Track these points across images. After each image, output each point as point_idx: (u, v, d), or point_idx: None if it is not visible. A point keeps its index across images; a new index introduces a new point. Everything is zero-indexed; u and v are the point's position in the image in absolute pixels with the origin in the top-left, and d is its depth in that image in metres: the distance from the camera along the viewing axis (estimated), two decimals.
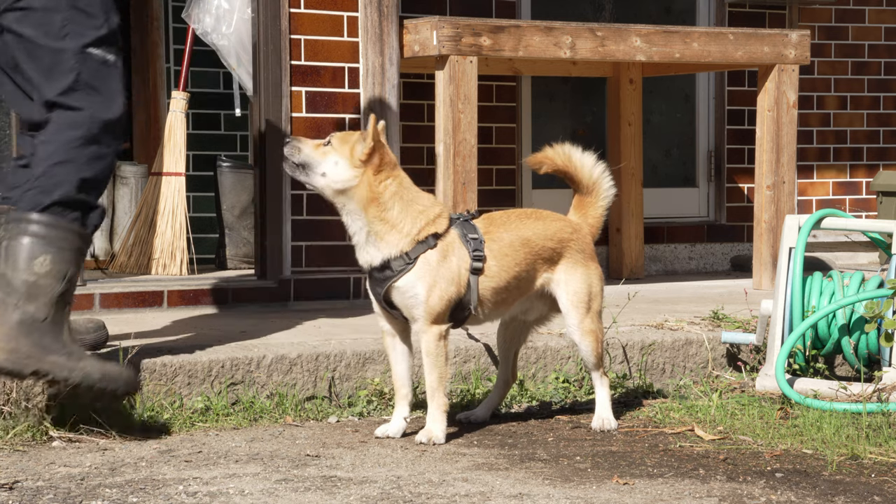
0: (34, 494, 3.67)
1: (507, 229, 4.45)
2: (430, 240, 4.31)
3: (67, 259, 4.26)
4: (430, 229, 4.32)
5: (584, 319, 4.52)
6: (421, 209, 4.33)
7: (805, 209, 8.36)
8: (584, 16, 7.85)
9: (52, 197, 4.26)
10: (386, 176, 4.31)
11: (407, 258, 4.28)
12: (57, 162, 4.29)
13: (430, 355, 4.33)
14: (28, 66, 4.42)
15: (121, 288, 5.97)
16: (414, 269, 4.28)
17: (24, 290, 4.20)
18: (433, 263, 4.29)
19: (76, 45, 4.41)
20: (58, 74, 4.40)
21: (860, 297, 4.98)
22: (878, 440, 4.31)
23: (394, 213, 4.29)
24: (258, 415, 4.69)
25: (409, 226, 4.29)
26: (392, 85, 6.29)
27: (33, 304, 4.20)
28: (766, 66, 6.93)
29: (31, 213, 4.23)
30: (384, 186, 4.30)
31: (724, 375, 5.40)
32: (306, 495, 3.67)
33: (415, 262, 4.28)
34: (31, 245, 4.22)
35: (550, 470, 4.00)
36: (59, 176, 4.29)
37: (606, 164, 4.69)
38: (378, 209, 4.29)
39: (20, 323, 4.18)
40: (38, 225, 4.23)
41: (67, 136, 4.33)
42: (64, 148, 4.32)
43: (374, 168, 4.29)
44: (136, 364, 4.61)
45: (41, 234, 4.23)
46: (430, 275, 4.28)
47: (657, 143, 8.15)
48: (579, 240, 4.55)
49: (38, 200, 4.25)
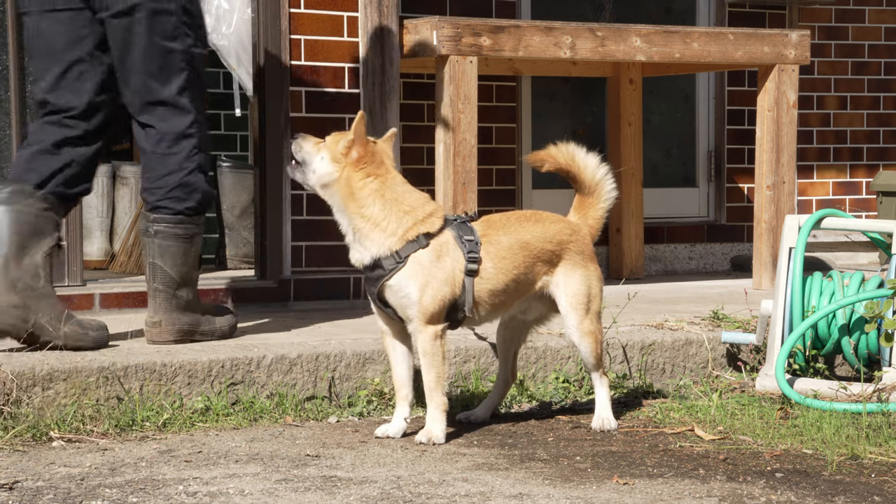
0: (34, 494, 3.67)
1: (506, 232, 4.45)
2: (422, 239, 4.31)
3: (199, 246, 5.11)
4: (421, 228, 4.31)
5: (583, 321, 4.52)
6: (407, 208, 4.32)
7: (805, 209, 8.36)
8: (584, 16, 7.85)
9: (187, 204, 5.00)
10: (368, 173, 4.31)
11: (397, 257, 4.28)
12: (188, 172, 4.97)
13: (426, 355, 4.33)
14: (138, 65, 4.90)
15: (121, 288, 5.97)
16: (405, 268, 4.28)
17: (180, 279, 5.03)
18: (425, 263, 4.29)
19: (185, 45, 4.94)
20: (169, 74, 4.92)
21: (860, 297, 4.98)
22: (878, 440, 4.31)
23: (374, 210, 4.29)
24: (258, 415, 4.69)
25: (393, 224, 4.29)
26: (392, 85, 6.29)
27: (184, 290, 5.05)
28: (766, 66, 6.93)
29: (176, 216, 4.99)
30: (363, 183, 4.30)
31: (724, 375, 5.41)
32: (306, 495, 3.67)
33: (405, 261, 4.28)
34: (179, 244, 5.01)
35: (550, 470, 4.00)
36: (190, 185, 4.98)
37: (610, 166, 4.69)
38: (357, 206, 4.30)
39: (178, 307, 5.03)
40: (181, 226, 5.00)
41: (188, 146, 4.97)
42: (187, 159, 4.97)
43: (354, 163, 4.30)
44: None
45: (185, 234, 5.01)
46: (422, 274, 4.28)
47: (657, 143, 8.15)
48: (578, 241, 4.55)
49: (178, 207, 4.99)
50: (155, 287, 5.00)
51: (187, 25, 4.93)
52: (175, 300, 5.00)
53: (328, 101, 6.35)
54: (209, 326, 5.11)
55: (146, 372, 4.62)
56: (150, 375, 4.63)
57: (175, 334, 4.99)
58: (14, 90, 5.89)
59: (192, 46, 4.96)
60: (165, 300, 4.99)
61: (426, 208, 4.35)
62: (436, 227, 4.34)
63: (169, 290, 4.99)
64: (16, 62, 5.89)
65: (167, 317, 4.99)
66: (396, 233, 4.29)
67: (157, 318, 4.99)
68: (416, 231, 4.31)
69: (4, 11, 5.90)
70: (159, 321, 4.99)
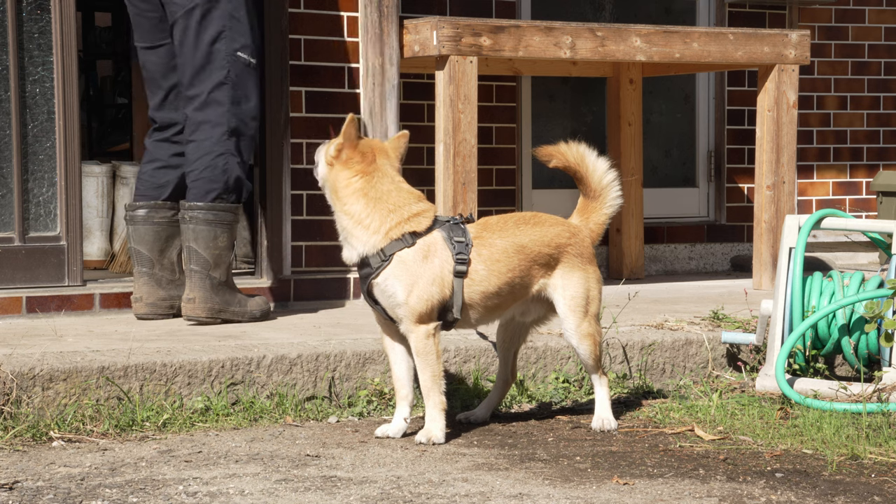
0: (34, 494, 3.67)
1: (502, 235, 4.44)
2: (408, 238, 4.31)
3: (233, 232, 5.58)
4: (406, 227, 4.32)
5: (581, 323, 4.51)
6: (392, 207, 4.33)
7: (805, 209, 8.36)
8: (584, 16, 7.85)
9: (215, 186, 5.51)
10: (355, 172, 4.34)
11: (382, 255, 4.29)
12: (216, 155, 5.50)
13: (419, 354, 4.34)
14: (182, 65, 5.56)
15: (121, 288, 5.97)
16: (390, 266, 4.29)
17: (213, 261, 5.51)
18: (409, 262, 4.29)
19: (229, 48, 5.53)
20: (211, 71, 5.52)
21: (860, 297, 4.98)
22: (878, 440, 4.31)
23: (356, 208, 4.32)
24: (258, 415, 4.69)
25: (377, 222, 4.31)
26: (392, 85, 6.29)
27: (217, 271, 5.52)
28: (766, 66, 6.93)
29: (204, 201, 5.49)
30: (348, 182, 4.34)
31: (724, 375, 5.41)
32: (306, 495, 3.68)
33: (391, 260, 4.29)
34: (210, 227, 5.49)
35: (550, 470, 4.00)
36: (218, 168, 5.50)
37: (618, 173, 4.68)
38: (341, 203, 4.35)
39: (212, 287, 5.51)
40: (212, 212, 5.49)
41: (217, 133, 5.51)
42: (216, 144, 5.50)
43: (343, 164, 4.34)
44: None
45: (216, 220, 5.50)
46: (408, 274, 4.28)
47: (657, 143, 8.15)
48: (577, 244, 4.54)
49: (207, 190, 5.51)
50: (191, 268, 5.52)
51: (234, 30, 5.56)
52: (209, 280, 5.51)
53: (328, 101, 6.35)
54: (240, 308, 5.57)
55: (146, 372, 4.62)
56: (150, 375, 4.63)
57: (207, 311, 5.50)
58: (14, 91, 5.89)
59: (238, 50, 5.56)
60: (200, 280, 5.50)
61: (413, 207, 4.35)
62: (423, 226, 4.34)
63: (203, 271, 5.50)
64: (15, 62, 5.89)
65: (201, 294, 5.50)
66: (380, 231, 4.30)
67: (192, 294, 5.51)
68: (401, 230, 4.31)
69: (4, 11, 5.90)
70: (193, 297, 5.50)
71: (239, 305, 5.57)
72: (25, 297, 5.78)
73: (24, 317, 5.75)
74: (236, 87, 5.56)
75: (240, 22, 5.58)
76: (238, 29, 5.58)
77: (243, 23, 5.59)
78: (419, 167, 7.04)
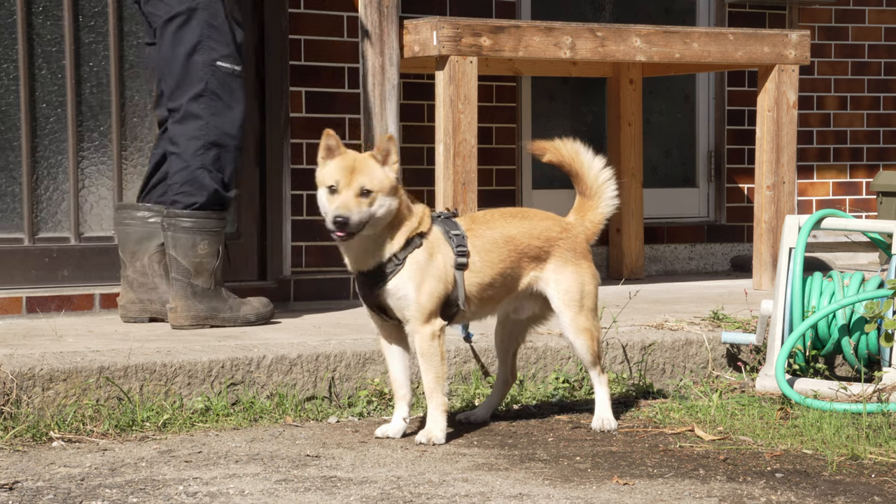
0: (34, 494, 3.67)
1: (490, 227, 4.46)
2: (417, 239, 4.32)
3: (217, 240, 5.46)
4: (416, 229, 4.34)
5: (576, 317, 4.51)
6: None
7: (805, 209, 8.36)
8: (584, 16, 7.85)
9: (196, 197, 5.41)
10: None
11: (397, 259, 4.30)
12: (194, 168, 5.40)
13: (424, 356, 4.34)
14: (164, 75, 5.48)
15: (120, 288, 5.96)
16: (403, 269, 4.29)
17: (193, 269, 5.41)
18: (421, 262, 4.30)
19: (207, 58, 5.41)
20: (189, 84, 5.41)
21: (860, 298, 4.98)
22: (878, 440, 4.31)
23: None
24: (258, 415, 4.69)
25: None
26: (392, 85, 6.29)
27: (200, 279, 5.43)
28: (766, 67, 6.93)
29: (186, 210, 5.40)
30: None
31: (724, 376, 5.41)
32: (306, 495, 3.68)
33: (404, 263, 4.30)
34: (189, 235, 5.40)
35: (550, 470, 4.00)
36: (196, 182, 5.40)
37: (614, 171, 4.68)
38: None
39: (194, 294, 5.42)
40: (192, 220, 5.41)
41: (193, 147, 5.41)
42: (193, 157, 5.40)
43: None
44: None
45: (197, 227, 5.41)
46: (419, 274, 4.29)
47: (657, 143, 8.15)
48: (570, 239, 4.54)
49: (188, 202, 5.41)
50: (172, 276, 5.45)
51: (212, 39, 5.43)
52: (190, 288, 5.42)
53: (328, 102, 6.35)
54: (231, 314, 5.48)
55: (146, 372, 4.62)
56: (150, 375, 4.63)
57: (190, 319, 5.42)
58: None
59: (218, 60, 5.43)
60: (181, 288, 5.42)
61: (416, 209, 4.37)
62: (427, 226, 4.36)
63: (184, 279, 5.41)
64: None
65: (183, 303, 5.41)
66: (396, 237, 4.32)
67: (174, 303, 5.44)
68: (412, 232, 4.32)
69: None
70: (175, 307, 5.43)
71: (230, 311, 5.48)
72: (25, 297, 5.78)
73: (23, 317, 5.75)
74: (216, 99, 5.43)
75: (218, 30, 5.44)
76: (217, 38, 5.44)
77: (223, 30, 5.45)
78: (419, 167, 7.05)
